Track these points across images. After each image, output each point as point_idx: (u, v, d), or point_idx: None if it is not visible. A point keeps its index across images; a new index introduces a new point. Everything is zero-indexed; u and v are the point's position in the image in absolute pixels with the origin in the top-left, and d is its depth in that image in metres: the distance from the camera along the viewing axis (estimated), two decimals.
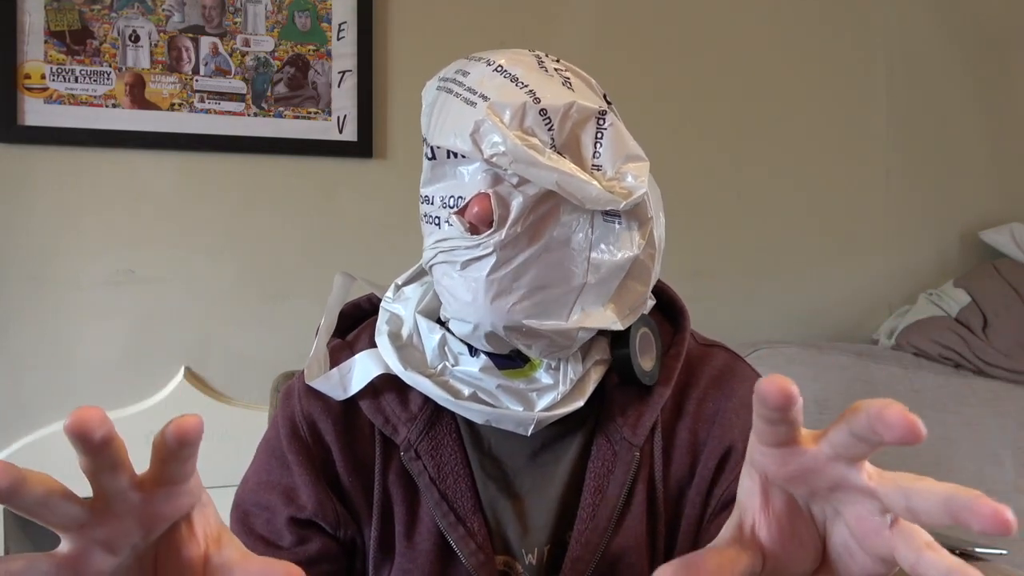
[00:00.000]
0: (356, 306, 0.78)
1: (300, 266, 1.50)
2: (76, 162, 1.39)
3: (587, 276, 0.60)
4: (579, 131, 0.59)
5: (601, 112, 0.59)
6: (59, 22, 1.36)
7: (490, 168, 0.58)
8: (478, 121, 0.56)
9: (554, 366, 0.64)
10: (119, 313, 1.41)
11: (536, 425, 0.63)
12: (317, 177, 1.51)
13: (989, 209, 2.00)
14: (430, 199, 0.64)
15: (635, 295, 0.64)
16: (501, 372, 0.63)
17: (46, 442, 1.35)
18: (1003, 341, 1.66)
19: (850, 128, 1.89)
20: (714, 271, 1.78)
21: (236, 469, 1.48)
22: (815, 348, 1.59)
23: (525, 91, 0.57)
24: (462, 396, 0.63)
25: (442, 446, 0.66)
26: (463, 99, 0.59)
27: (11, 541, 1.34)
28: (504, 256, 0.58)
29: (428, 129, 0.63)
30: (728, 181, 1.79)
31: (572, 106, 0.58)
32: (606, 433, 0.66)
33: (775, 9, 1.82)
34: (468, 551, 0.64)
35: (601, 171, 0.59)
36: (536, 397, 0.63)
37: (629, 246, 0.61)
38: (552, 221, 0.59)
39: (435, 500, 0.65)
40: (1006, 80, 2.02)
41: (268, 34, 1.47)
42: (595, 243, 0.60)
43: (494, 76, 0.59)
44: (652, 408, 0.67)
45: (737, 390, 0.69)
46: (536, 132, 0.57)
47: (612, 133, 0.59)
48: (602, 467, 0.66)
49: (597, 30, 1.69)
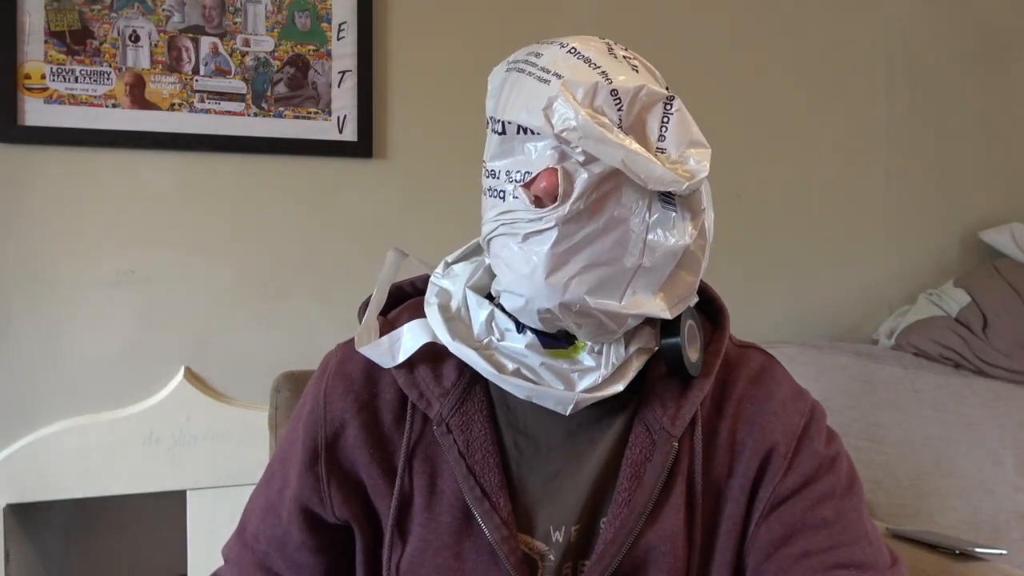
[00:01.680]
0: (399, 287, 0.80)
1: (300, 266, 1.51)
2: (76, 162, 1.39)
3: (642, 258, 0.61)
4: (646, 114, 0.61)
5: (669, 98, 0.62)
6: (59, 22, 1.36)
7: (558, 145, 0.59)
8: (551, 97, 0.58)
9: (597, 349, 0.66)
10: (119, 313, 1.41)
11: (575, 406, 0.64)
12: (317, 177, 1.51)
13: (989, 209, 2.00)
14: (495, 173, 0.64)
15: (685, 285, 0.65)
16: (546, 351, 0.65)
17: (46, 442, 1.35)
18: (1003, 341, 1.66)
19: (850, 128, 1.89)
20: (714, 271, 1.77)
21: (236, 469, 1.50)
22: (815, 348, 1.59)
23: (598, 72, 0.59)
24: (506, 371, 0.65)
25: (472, 422, 0.68)
26: (536, 77, 0.60)
27: (11, 542, 1.34)
28: (565, 231, 0.59)
29: (496, 107, 0.64)
30: (728, 181, 1.79)
31: (642, 89, 0.60)
32: (645, 422, 0.68)
33: (775, 10, 1.82)
34: (492, 525, 0.65)
35: (665, 154, 0.61)
36: (578, 378, 0.65)
37: (683, 234, 0.62)
38: (613, 200, 0.60)
39: (463, 474, 0.66)
40: (1006, 80, 2.02)
41: (268, 34, 1.47)
42: (652, 226, 0.61)
43: (568, 57, 0.60)
44: (692, 401, 0.68)
45: (775, 392, 0.71)
46: (606, 111, 0.59)
47: (678, 118, 0.61)
48: (640, 454, 0.67)
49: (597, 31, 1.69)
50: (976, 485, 1.47)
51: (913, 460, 1.47)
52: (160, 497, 1.41)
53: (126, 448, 1.38)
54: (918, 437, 1.50)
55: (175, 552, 1.43)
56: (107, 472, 1.37)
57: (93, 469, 1.36)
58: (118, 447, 1.37)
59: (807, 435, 0.69)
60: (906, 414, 1.53)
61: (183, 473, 1.40)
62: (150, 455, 1.38)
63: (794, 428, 0.69)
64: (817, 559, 0.64)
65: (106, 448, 1.37)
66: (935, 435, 1.52)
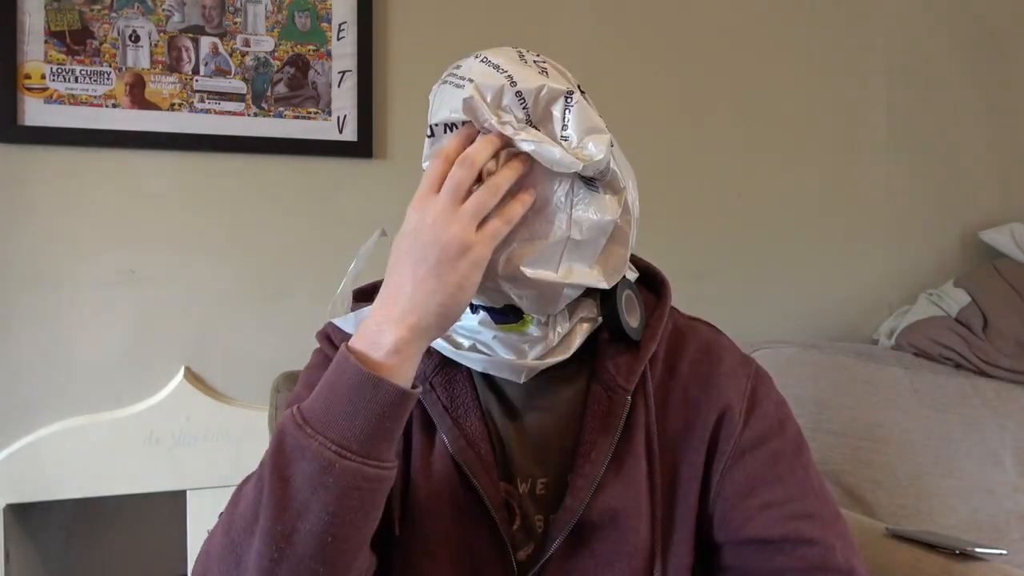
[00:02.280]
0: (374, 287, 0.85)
1: (300, 266, 1.50)
2: (76, 162, 1.39)
3: (570, 230, 0.69)
4: (551, 108, 0.69)
5: (568, 92, 0.69)
6: (59, 22, 1.36)
7: (481, 135, 0.67)
8: (466, 99, 0.67)
9: (544, 321, 0.73)
10: (119, 313, 1.41)
11: (527, 373, 0.73)
12: (317, 177, 1.51)
13: (989, 209, 2.00)
14: None
15: (617, 257, 0.73)
16: (497, 326, 0.72)
17: (46, 442, 1.35)
18: (1003, 341, 1.66)
19: (850, 128, 1.89)
20: (714, 271, 1.78)
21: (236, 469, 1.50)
22: (815, 348, 1.59)
23: (504, 76, 0.68)
24: (462, 347, 0.73)
25: (455, 381, 0.75)
26: (453, 84, 0.69)
27: (11, 542, 1.34)
28: None
29: (429, 117, 0.73)
30: (728, 181, 1.80)
31: (543, 88, 0.68)
32: (600, 381, 0.75)
33: (774, 9, 1.82)
34: (477, 471, 0.71)
35: (568, 141, 0.69)
36: (528, 348, 0.72)
37: (607, 211, 0.70)
38: (534, 180, 0.68)
39: (448, 426, 0.73)
40: (1006, 80, 2.02)
41: (268, 34, 1.47)
42: (576, 203, 0.69)
43: (480, 65, 0.69)
44: (640, 359, 0.75)
45: (724, 357, 0.78)
46: (513, 110, 0.68)
47: (577, 109, 0.69)
48: (599, 409, 0.74)
49: (595, 30, 1.69)
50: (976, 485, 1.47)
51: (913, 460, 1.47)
52: (160, 497, 1.41)
53: (126, 448, 1.38)
54: (918, 437, 1.50)
55: (175, 552, 1.43)
56: (107, 472, 1.37)
57: (93, 469, 1.36)
58: (118, 447, 1.37)
59: (756, 396, 0.77)
60: (906, 414, 1.53)
61: (183, 473, 1.40)
62: (150, 455, 1.38)
63: (744, 388, 0.76)
64: (776, 511, 0.72)
65: (106, 448, 1.37)
66: (935, 435, 1.51)
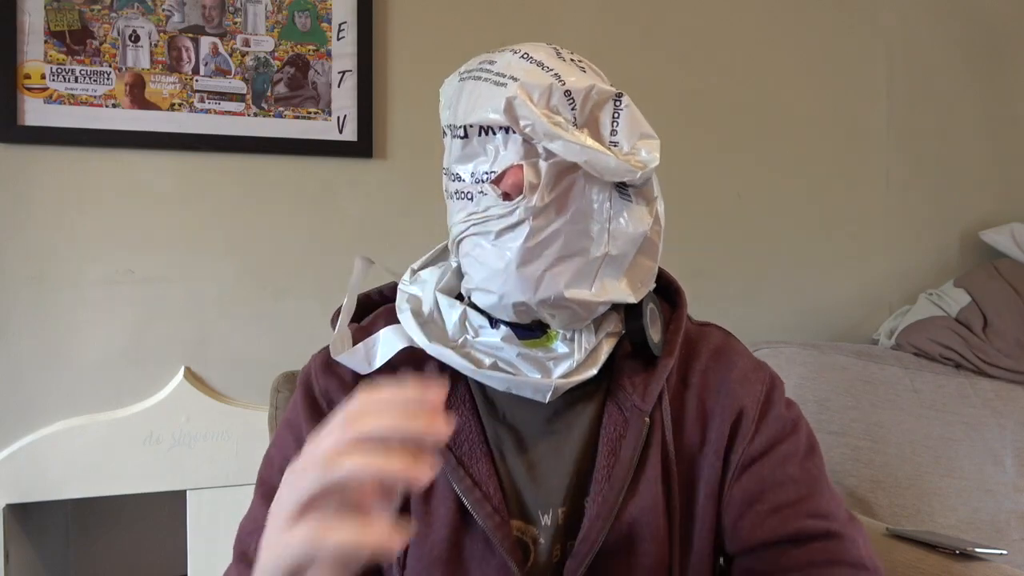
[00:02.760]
0: (367, 296, 0.82)
1: (300, 266, 1.50)
2: (76, 162, 1.39)
3: (608, 246, 0.65)
4: (598, 111, 0.65)
5: (618, 94, 0.65)
6: (59, 22, 1.36)
7: (522, 142, 0.63)
8: (510, 98, 0.62)
9: (569, 336, 0.69)
10: (119, 313, 1.41)
11: (554, 392, 0.67)
12: (317, 177, 1.51)
13: (989, 209, 2.00)
14: (460, 176, 0.67)
15: (645, 270, 0.69)
16: (520, 342, 0.68)
17: (46, 442, 1.35)
18: (1003, 341, 1.66)
19: (850, 128, 1.89)
20: (714, 271, 1.78)
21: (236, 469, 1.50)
22: (815, 348, 1.59)
23: (551, 74, 0.63)
24: (483, 366, 0.67)
25: (457, 414, 0.70)
26: (492, 81, 0.64)
27: (11, 542, 1.34)
28: (537, 225, 0.63)
29: (455, 115, 0.67)
30: (728, 181, 1.80)
31: (593, 88, 0.64)
32: (616, 401, 0.71)
33: (775, 9, 1.82)
34: (484, 513, 0.66)
35: (618, 147, 0.65)
36: (553, 366, 0.68)
37: (641, 222, 0.66)
38: (577, 193, 0.64)
39: (452, 466, 0.68)
40: (1006, 80, 2.02)
41: (268, 34, 1.47)
42: (614, 216, 0.65)
43: (520, 61, 0.65)
44: (658, 377, 0.71)
45: (737, 363, 0.75)
46: (561, 111, 0.63)
47: (627, 113, 0.65)
48: (614, 432, 0.69)
49: (597, 30, 1.69)
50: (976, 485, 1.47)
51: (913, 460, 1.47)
52: (160, 497, 1.41)
53: (126, 448, 1.38)
54: (918, 437, 1.50)
55: (175, 552, 1.43)
56: (107, 472, 1.37)
57: (93, 469, 1.36)
58: (118, 447, 1.37)
59: (770, 401, 0.73)
60: (906, 414, 1.53)
61: (183, 473, 1.40)
62: (150, 455, 1.38)
63: (758, 394, 0.73)
64: (786, 512, 0.69)
65: (106, 448, 1.37)
66: (935, 435, 1.52)
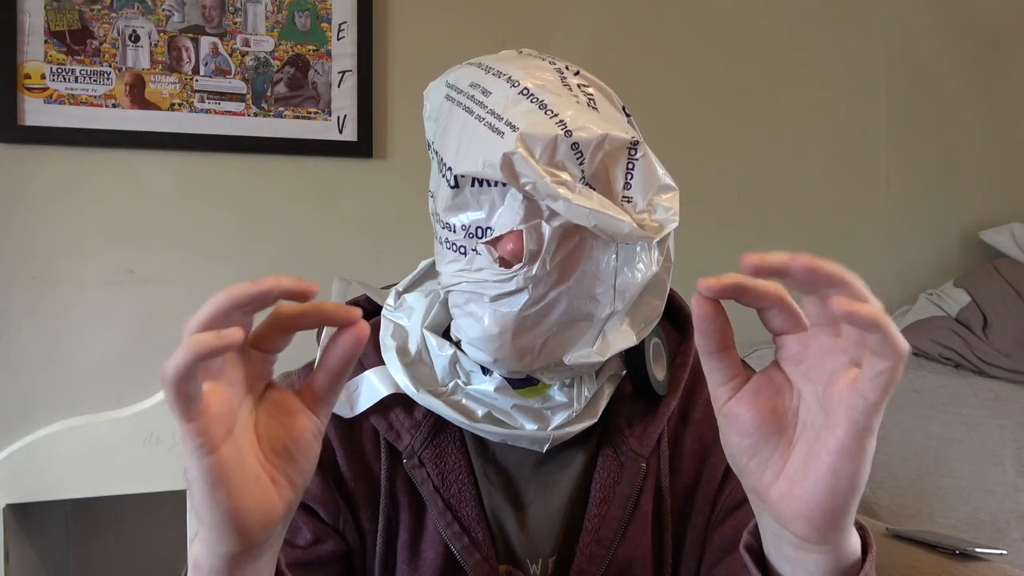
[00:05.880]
0: (355, 303, 0.76)
1: (300, 266, 1.50)
2: (76, 162, 1.39)
3: (614, 304, 0.59)
4: (610, 162, 0.57)
5: (633, 143, 0.57)
6: (59, 22, 1.36)
7: (522, 199, 0.56)
8: (508, 153, 0.53)
9: (568, 383, 0.64)
10: (119, 313, 1.41)
11: (551, 443, 0.63)
12: (317, 177, 1.51)
13: (989, 209, 2.00)
14: (452, 227, 0.60)
15: (650, 309, 0.63)
16: (515, 391, 0.63)
17: (46, 442, 1.35)
18: (1003, 341, 1.66)
19: (850, 128, 1.89)
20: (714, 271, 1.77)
21: None
22: None
23: (555, 121, 0.54)
24: (476, 417, 0.63)
25: (446, 454, 0.66)
26: (487, 124, 0.56)
27: (11, 542, 1.34)
28: (536, 293, 0.57)
29: (443, 145, 0.60)
30: (728, 181, 1.79)
31: (604, 139, 0.55)
32: (612, 445, 0.66)
33: (775, 9, 1.82)
34: (473, 561, 0.63)
35: (631, 203, 0.58)
36: (551, 415, 0.63)
37: (648, 264, 0.60)
38: (581, 254, 0.58)
39: (439, 509, 0.64)
40: (1006, 80, 2.02)
41: (268, 34, 1.47)
42: (619, 269, 0.59)
43: (519, 100, 0.56)
44: (659, 420, 0.67)
45: None
46: (567, 166, 0.55)
47: (643, 164, 0.57)
48: (608, 478, 0.65)
49: (597, 30, 1.69)
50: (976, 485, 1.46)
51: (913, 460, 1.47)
52: (160, 497, 1.41)
53: (126, 448, 1.37)
54: (918, 437, 1.50)
55: (175, 552, 1.43)
56: (107, 472, 1.36)
57: (93, 469, 1.36)
58: (118, 447, 1.37)
59: None
60: (906, 414, 1.52)
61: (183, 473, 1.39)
62: (150, 455, 1.38)
63: None
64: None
65: (106, 448, 1.37)
66: (935, 435, 1.51)
